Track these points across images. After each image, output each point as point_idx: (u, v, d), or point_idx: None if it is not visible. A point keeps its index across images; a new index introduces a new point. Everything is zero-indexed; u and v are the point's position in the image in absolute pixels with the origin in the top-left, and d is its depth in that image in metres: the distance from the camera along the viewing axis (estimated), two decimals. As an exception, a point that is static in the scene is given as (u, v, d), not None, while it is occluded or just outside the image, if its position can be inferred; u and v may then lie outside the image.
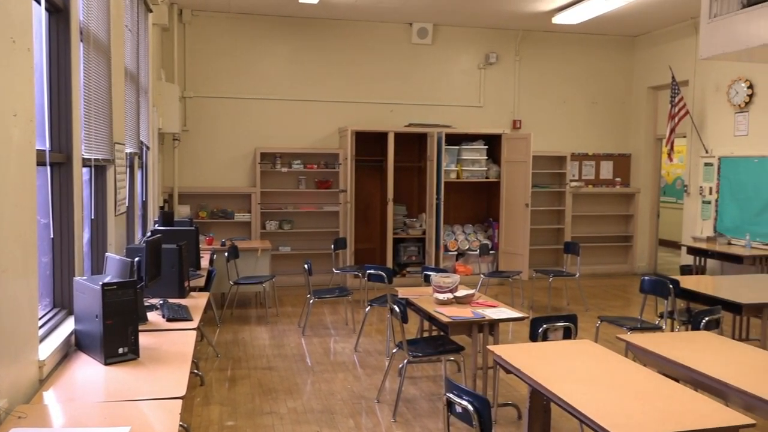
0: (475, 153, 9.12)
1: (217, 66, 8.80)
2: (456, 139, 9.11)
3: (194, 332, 3.45)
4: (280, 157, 8.83)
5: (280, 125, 9.02)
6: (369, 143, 9.05)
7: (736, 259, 7.38)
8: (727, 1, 5.38)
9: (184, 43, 8.66)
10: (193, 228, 5.61)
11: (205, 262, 5.90)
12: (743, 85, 7.97)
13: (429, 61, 9.44)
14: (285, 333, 6.48)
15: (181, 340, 3.26)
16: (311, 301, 6.36)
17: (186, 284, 4.36)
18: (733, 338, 5.70)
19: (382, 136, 8.86)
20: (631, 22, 9.07)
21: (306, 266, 6.24)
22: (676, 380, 3.09)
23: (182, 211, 8.31)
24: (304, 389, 4.88)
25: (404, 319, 4.30)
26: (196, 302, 4.13)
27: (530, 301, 8.00)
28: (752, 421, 2.46)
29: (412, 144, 9.32)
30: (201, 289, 4.93)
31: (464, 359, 4.55)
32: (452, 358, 5.23)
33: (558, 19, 8.65)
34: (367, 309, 6.04)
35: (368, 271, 5.90)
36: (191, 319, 3.67)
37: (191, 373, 3.06)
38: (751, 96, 7.89)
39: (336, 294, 6.51)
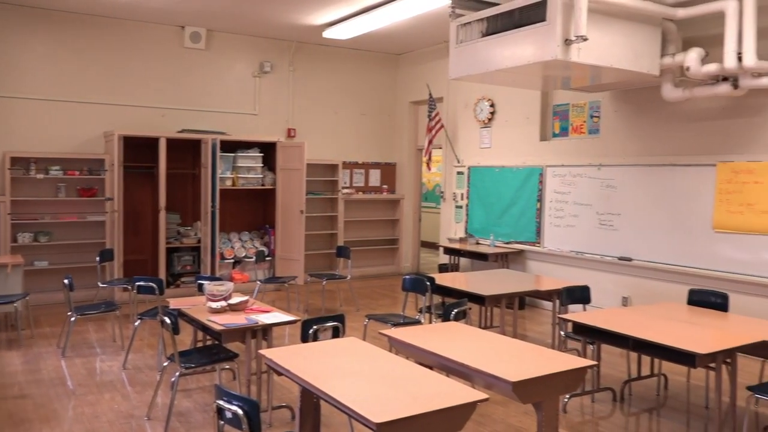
0: (251, 160, 9.16)
1: (-46, 59, 7.80)
2: (231, 147, 9.07)
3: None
4: (35, 163, 8.06)
5: (35, 127, 8.23)
6: (139, 149, 8.63)
7: (483, 257, 8.34)
8: (470, 29, 6.09)
9: None
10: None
11: (-59, 282, 5.23)
12: (486, 103, 9.04)
13: (203, 67, 9.29)
14: (41, 356, 5.95)
15: None
16: (73, 319, 5.92)
17: None
18: (480, 327, 6.45)
19: (153, 142, 8.51)
20: (395, 41, 9.79)
21: (66, 281, 5.79)
22: (431, 368, 3.46)
23: None
24: (64, 415, 4.55)
25: (176, 331, 4.23)
26: (-69, 327, 3.68)
27: (306, 304, 8.25)
28: (486, 396, 2.87)
29: (186, 151, 9.07)
30: (-64, 313, 4.38)
31: (239, 366, 4.59)
32: (227, 366, 5.24)
33: (328, 34, 9.05)
34: (136, 323, 5.79)
35: (137, 283, 5.65)
36: (-75, 347, 3.27)
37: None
38: (493, 113, 8.98)
39: (102, 309, 6.13)
